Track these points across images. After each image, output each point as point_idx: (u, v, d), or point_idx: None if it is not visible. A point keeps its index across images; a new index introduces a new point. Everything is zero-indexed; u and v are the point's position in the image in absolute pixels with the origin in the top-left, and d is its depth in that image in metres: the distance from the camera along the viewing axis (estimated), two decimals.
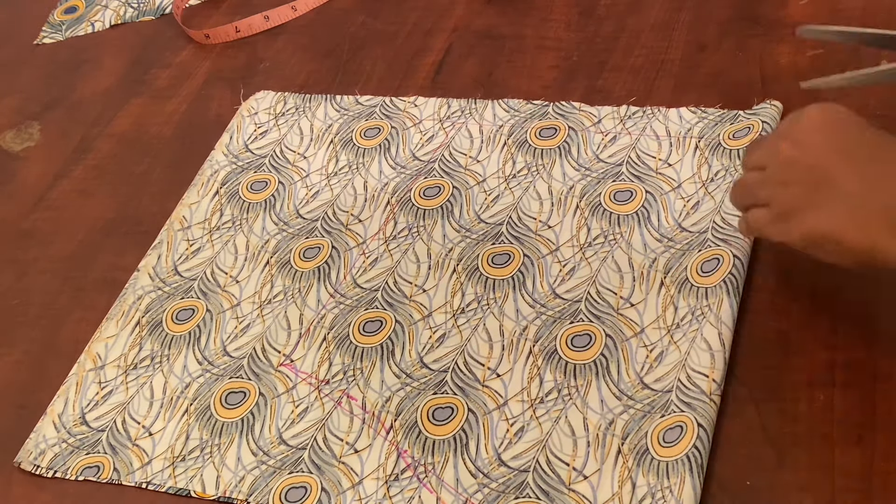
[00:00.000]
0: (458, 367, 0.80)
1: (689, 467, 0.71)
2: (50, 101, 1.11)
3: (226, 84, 1.08)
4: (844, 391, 0.74)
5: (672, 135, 0.91)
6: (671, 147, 0.90)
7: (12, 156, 1.07)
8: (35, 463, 0.81)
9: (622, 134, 0.92)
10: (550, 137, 0.93)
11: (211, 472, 0.78)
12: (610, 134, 0.93)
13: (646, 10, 1.04)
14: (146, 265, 0.92)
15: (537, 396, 0.77)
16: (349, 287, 0.87)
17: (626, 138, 0.92)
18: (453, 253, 0.87)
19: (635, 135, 0.92)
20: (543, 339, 0.80)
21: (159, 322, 0.88)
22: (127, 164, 1.03)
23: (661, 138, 0.91)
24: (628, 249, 0.85)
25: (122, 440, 0.81)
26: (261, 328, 0.85)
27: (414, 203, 0.92)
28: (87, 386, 0.84)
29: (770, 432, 0.73)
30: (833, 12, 0.99)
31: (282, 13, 1.14)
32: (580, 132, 0.93)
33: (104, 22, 1.19)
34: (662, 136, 0.91)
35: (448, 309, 0.84)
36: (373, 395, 0.79)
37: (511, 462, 0.74)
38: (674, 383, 0.76)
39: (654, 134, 0.92)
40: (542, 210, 0.89)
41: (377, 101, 1.01)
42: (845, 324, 0.77)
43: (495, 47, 1.05)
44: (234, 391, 0.82)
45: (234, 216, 0.95)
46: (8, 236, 0.99)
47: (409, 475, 0.75)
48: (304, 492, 0.75)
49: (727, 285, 0.79)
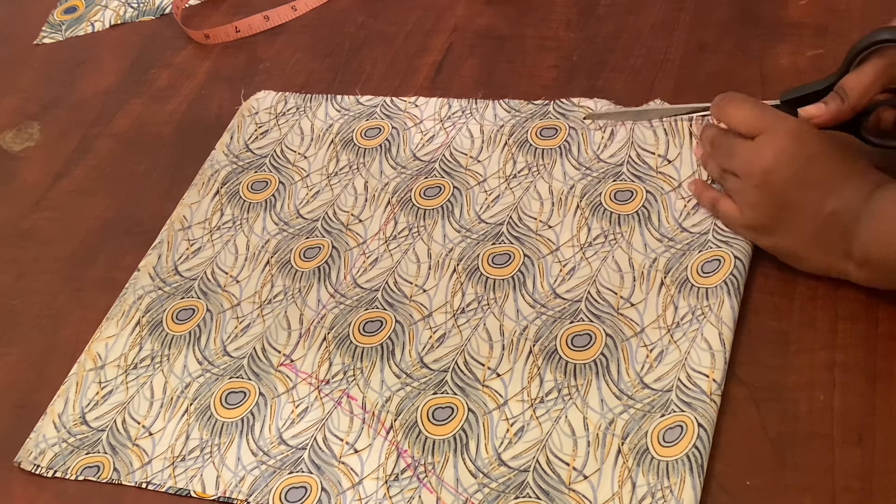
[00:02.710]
0: (459, 367, 0.80)
1: (690, 467, 0.71)
2: (50, 101, 1.11)
3: (226, 84, 1.08)
4: (844, 391, 0.74)
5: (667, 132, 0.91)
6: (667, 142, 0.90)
7: (12, 156, 1.07)
8: (35, 463, 0.81)
9: (618, 126, 0.92)
10: (551, 137, 0.93)
11: (211, 471, 0.78)
12: (608, 129, 0.93)
13: (646, 10, 1.05)
14: (146, 265, 0.92)
15: (537, 396, 0.77)
16: (349, 287, 0.87)
17: (623, 131, 0.92)
18: (454, 253, 0.87)
19: (630, 126, 0.92)
20: (544, 339, 0.80)
21: (159, 322, 0.88)
22: (127, 164, 1.03)
23: (654, 127, 0.91)
24: (629, 249, 0.85)
25: (122, 440, 0.81)
26: (261, 328, 0.85)
27: (414, 203, 0.92)
28: (88, 386, 0.84)
29: (770, 432, 0.73)
30: (832, 12, 0.99)
31: (282, 13, 1.14)
32: (580, 130, 0.93)
33: (104, 22, 1.19)
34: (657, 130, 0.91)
35: (448, 309, 0.84)
36: (373, 394, 0.79)
37: (511, 462, 0.74)
38: (674, 383, 0.76)
39: (650, 124, 0.92)
40: (542, 210, 0.89)
41: (378, 101, 1.01)
42: (845, 324, 0.77)
43: (495, 47, 1.05)
44: (235, 391, 0.82)
45: (235, 216, 0.95)
46: (8, 236, 0.99)
47: (409, 475, 0.75)
48: (304, 492, 0.75)
49: (728, 286, 0.79)
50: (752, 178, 0.78)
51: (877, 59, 0.79)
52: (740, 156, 0.80)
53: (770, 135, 0.78)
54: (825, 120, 0.80)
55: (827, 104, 0.80)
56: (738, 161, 0.80)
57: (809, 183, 0.76)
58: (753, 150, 0.79)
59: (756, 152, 0.78)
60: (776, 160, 0.77)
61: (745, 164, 0.79)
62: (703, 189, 0.85)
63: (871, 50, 0.79)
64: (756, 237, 0.81)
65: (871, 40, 0.79)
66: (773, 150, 0.77)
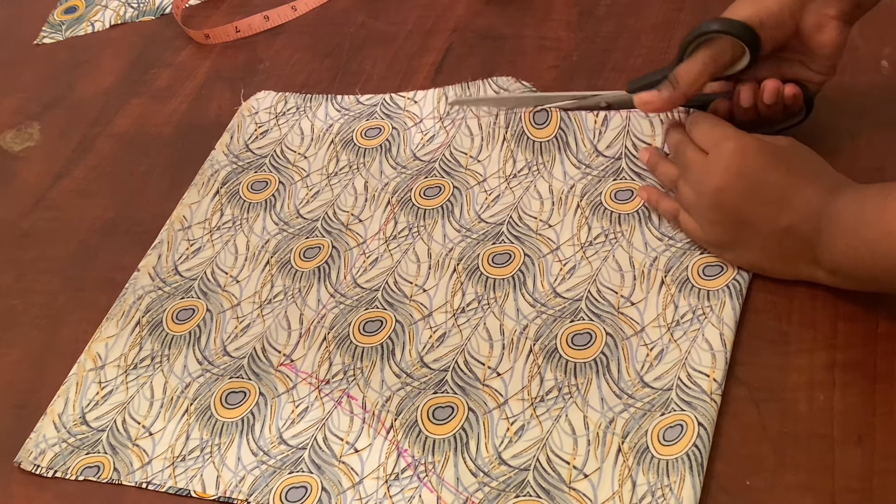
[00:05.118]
0: (459, 367, 0.80)
1: (690, 466, 0.71)
2: (50, 101, 1.11)
3: (226, 84, 1.08)
4: (844, 391, 0.74)
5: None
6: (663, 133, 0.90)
7: (12, 156, 1.07)
8: (35, 463, 0.81)
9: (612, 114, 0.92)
10: (543, 126, 0.92)
11: (211, 471, 0.78)
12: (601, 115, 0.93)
13: (646, 10, 1.05)
14: (146, 265, 0.92)
15: (538, 395, 0.77)
16: (349, 287, 0.87)
17: (618, 118, 0.91)
18: (454, 253, 0.87)
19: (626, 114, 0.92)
20: (544, 338, 0.80)
21: (159, 322, 0.88)
22: (127, 164, 1.03)
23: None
24: (629, 248, 0.85)
25: (122, 440, 0.81)
26: (261, 328, 0.85)
27: (414, 203, 0.92)
28: (88, 386, 0.84)
29: (770, 432, 0.73)
30: None
31: (282, 13, 1.14)
32: (573, 118, 0.92)
33: (104, 22, 1.19)
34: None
35: (448, 308, 0.84)
36: (373, 394, 0.79)
37: (511, 461, 0.74)
38: (674, 381, 0.76)
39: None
40: (542, 209, 0.89)
41: (378, 100, 1.01)
42: (845, 324, 0.77)
43: (495, 47, 1.05)
44: (235, 391, 0.82)
45: (235, 216, 0.95)
46: (8, 236, 0.99)
47: (409, 474, 0.75)
48: (304, 491, 0.75)
49: (730, 289, 0.79)
50: (705, 196, 0.79)
51: (705, 49, 0.83)
52: (694, 171, 0.80)
53: (717, 152, 0.79)
54: (658, 106, 0.84)
55: (660, 91, 0.83)
56: (692, 176, 0.80)
57: (762, 198, 0.77)
58: (704, 167, 0.79)
59: (706, 170, 0.79)
60: (725, 178, 0.78)
61: (698, 181, 0.80)
62: (659, 198, 0.85)
63: (701, 40, 0.83)
64: (718, 252, 0.81)
65: (700, 31, 0.83)
66: (721, 168, 0.78)
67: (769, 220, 0.77)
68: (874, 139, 0.87)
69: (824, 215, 0.75)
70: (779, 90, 0.83)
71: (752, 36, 0.82)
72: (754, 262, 0.80)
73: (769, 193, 0.77)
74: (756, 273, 0.80)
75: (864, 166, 0.84)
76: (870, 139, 0.87)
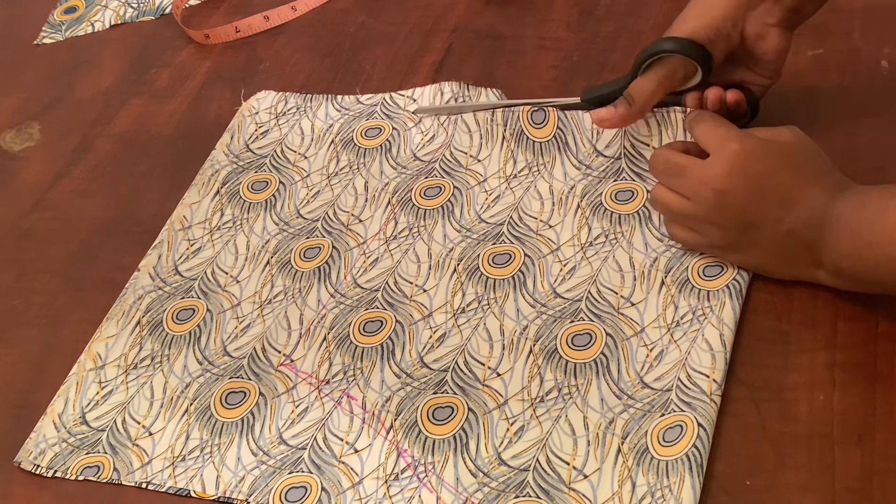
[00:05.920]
0: (459, 367, 0.80)
1: (689, 466, 0.71)
2: (50, 101, 1.11)
3: (226, 84, 1.08)
4: (844, 391, 0.74)
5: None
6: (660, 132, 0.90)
7: (12, 156, 1.07)
8: (35, 462, 0.81)
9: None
10: (541, 125, 0.92)
11: (211, 471, 0.78)
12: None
13: (646, 10, 1.05)
14: (146, 265, 0.92)
15: (537, 395, 0.77)
16: (349, 287, 0.87)
17: None
18: (454, 253, 0.87)
19: None
20: (544, 339, 0.80)
21: (159, 322, 0.88)
22: (127, 164, 1.03)
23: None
24: (629, 249, 0.85)
25: (122, 440, 0.81)
26: (261, 328, 0.85)
27: (415, 203, 0.92)
28: (88, 386, 0.84)
29: (770, 432, 0.73)
30: (832, 12, 0.98)
31: (282, 13, 1.14)
32: (570, 117, 0.92)
33: (104, 22, 1.19)
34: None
35: (448, 309, 0.84)
36: (373, 394, 0.79)
37: (511, 461, 0.74)
38: (674, 382, 0.76)
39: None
40: (542, 209, 0.89)
41: (378, 100, 1.01)
42: (845, 324, 0.77)
43: (495, 47, 1.05)
44: (235, 391, 0.82)
45: (235, 216, 0.95)
46: (8, 236, 0.99)
47: (409, 475, 0.75)
48: (304, 492, 0.75)
49: (730, 289, 0.79)
50: (708, 201, 0.78)
51: (658, 68, 0.85)
52: (691, 177, 0.79)
53: (720, 154, 0.78)
54: (614, 123, 0.86)
55: (616, 108, 0.85)
56: (688, 183, 0.79)
57: (767, 201, 0.77)
58: (704, 171, 0.78)
59: (708, 173, 0.78)
60: (730, 181, 0.77)
61: (697, 186, 0.79)
62: None
63: (655, 58, 0.86)
64: (721, 255, 0.81)
65: (653, 50, 0.85)
66: (725, 171, 0.77)
67: (773, 223, 0.77)
68: (874, 139, 0.87)
69: (827, 218, 0.75)
70: (721, 98, 0.85)
71: (705, 55, 0.84)
72: (757, 264, 0.80)
73: (774, 196, 0.77)
74: (757, 273, 0.80)
75: (864, 166, 0.84)
76: (870, 139, 0.87)
